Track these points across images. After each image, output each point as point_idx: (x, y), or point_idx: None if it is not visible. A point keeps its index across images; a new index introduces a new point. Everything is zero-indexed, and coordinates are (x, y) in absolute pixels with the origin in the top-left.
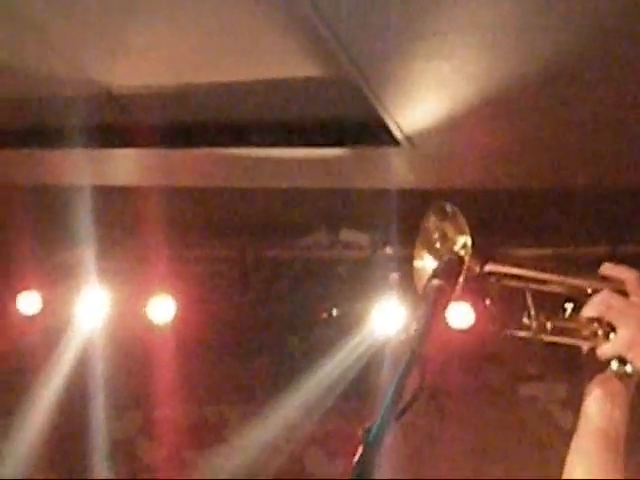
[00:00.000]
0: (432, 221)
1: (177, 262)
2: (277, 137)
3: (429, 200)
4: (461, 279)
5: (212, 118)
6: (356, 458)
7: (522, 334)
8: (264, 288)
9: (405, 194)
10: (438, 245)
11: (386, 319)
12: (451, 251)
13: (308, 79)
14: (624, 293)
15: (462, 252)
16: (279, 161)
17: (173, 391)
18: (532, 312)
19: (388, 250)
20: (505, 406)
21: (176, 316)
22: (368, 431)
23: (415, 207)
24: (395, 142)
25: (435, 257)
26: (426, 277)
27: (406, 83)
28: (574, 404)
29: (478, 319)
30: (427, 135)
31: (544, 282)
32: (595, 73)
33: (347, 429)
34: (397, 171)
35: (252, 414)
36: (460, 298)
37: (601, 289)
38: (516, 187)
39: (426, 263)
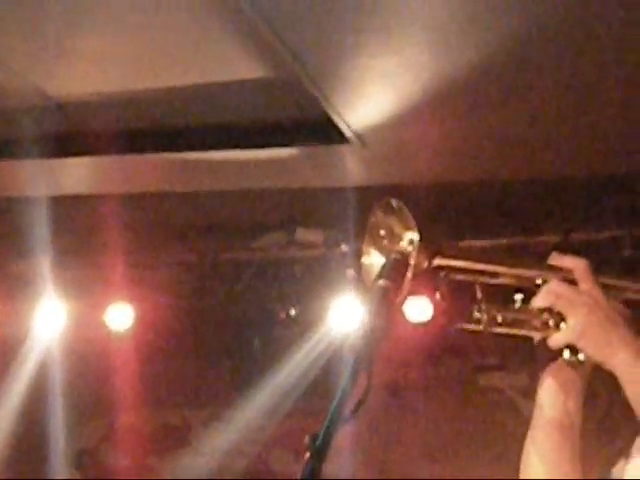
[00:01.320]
0: (379, 217)
1: (134, 269)
2: (227, 140)
3: (382, 196)
4: (408, 276)
5: (163, 123)
6: (303, 466)
7: (473, 327)
8: (221, 291)
9: (358, 191)
10: (385, 241)
11: (344, 316)
12: (398, 247)
13: (255, 81)
14: (573, 282)
15: (409, 248)
16: (231, 163)
17: (135, 398)
18: (482, 305)
19: (344, 247)
20: (467, 397)
21: (135, 323)
22: (314, 438)
23: (368, 203)
24: (345, 140)
25: (383, 253)
26: (374, 274)
27: (353, 81)
28: (536, 392)
29: (436, 312)
30: (377, 131)
31: (493, 274)
32: (541, 64)
33: (311, 428)
34: (349, 169)
35: (215, 417)
36: (415, 292)
37: (550, 279)
38: (467, 179)
39: (374, 260)
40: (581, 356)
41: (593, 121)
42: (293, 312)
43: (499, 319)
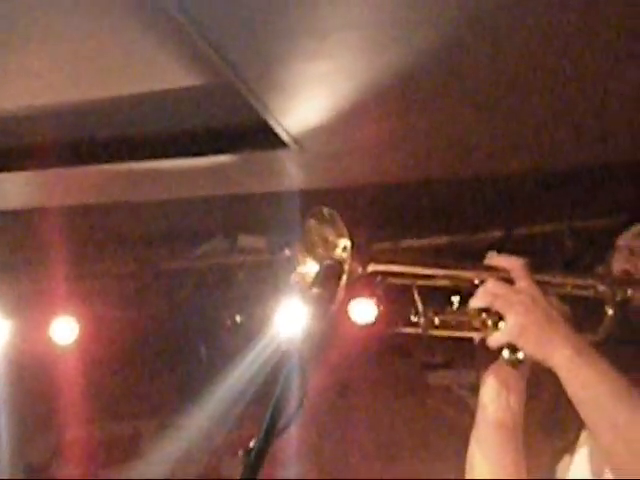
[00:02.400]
0: (312, 226)
1: (76, 282)
2: (165, 149)
3: (323, 199)
4: (343, 283)
5: (100, 134)
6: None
7: (412, 330)
8: (165, 300)
9: (299, 195)
10: (320, 249)
11: (290, 320)
12: (333, 254)
13: (190, 88)
14: (511, 281)
15: (344, 255)
16: (169, 172)
17: (84, 411)
18: (419, 308)
19: (287, 252)
20: (416, 396)
21: (80, 336)
22: (249, 452)
23: (310, 207)
24: (283, 144)
25: (318, 262)
26: (309, 283)
27: (288, 85)
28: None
29: (379, 314)
30: (314, 135)
31: (429, 277)
32: (474, 64)
33: None
34: (288, 173)
35: (165, 427)
36: (358, 295)
37: (487, 279)
38: (408, 180)
39: (310, 268)
40: (520, 355)
41: (529, 117)
42: (238, 319)
43: (437, 321)
